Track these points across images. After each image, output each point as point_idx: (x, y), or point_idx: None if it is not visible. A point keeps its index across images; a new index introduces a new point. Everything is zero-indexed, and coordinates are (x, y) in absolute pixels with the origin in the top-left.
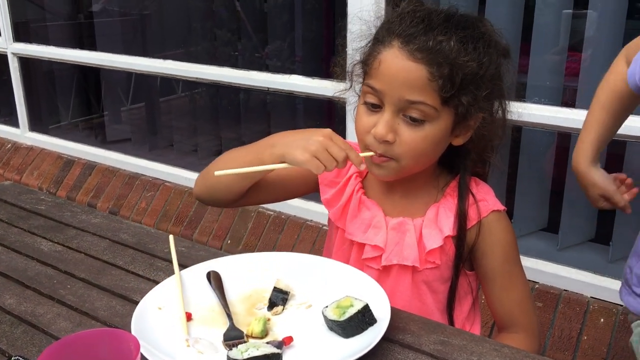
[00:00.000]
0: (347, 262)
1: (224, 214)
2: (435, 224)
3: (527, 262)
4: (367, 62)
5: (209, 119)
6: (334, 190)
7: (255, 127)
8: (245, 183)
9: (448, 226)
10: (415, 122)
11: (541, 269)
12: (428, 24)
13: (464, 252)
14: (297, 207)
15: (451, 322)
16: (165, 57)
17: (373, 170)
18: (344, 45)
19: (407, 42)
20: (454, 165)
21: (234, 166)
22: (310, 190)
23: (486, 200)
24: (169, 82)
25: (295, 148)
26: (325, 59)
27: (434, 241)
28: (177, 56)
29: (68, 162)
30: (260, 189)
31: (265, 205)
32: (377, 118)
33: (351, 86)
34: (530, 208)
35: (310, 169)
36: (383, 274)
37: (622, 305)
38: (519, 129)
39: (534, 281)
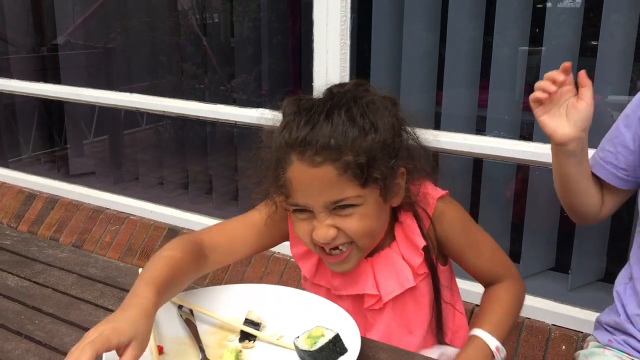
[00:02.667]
0: None
1: None
2: (407, 240)
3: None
4: (280, 185)
5: (174, 151)
6: (305, 247)
7: (222, 159)
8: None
9: (418, 239)
10: (345, 211)
11: None
12: (313, 123)
13: (434, 249)
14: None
15: (439, 311)
16: (130, 91)
17: (338, 270)
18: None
19: (302, 154)
20: None
21: None
22: (282, 240)
23: (427, 193)
24: (133, 115)
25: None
26: (292, 92)
27: (415, 257)
28: (143, 89)
29: (30, 196)
30: (245, 249)
31: None
32: (312, 223)
33: (277, 209)
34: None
35: None
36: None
37: (582, 332)
38: (479, 161)
39: None
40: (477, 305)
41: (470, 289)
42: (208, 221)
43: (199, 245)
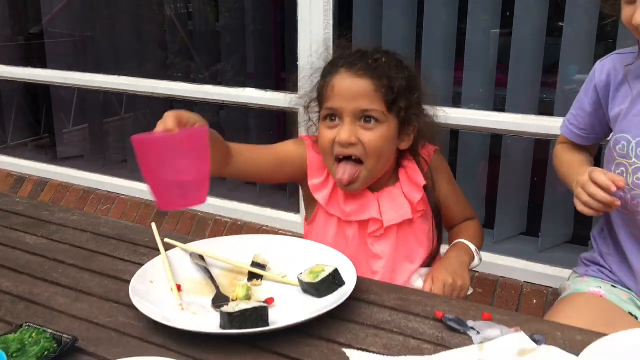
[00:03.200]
0: (347, 243)
1: (182, 222)
2: (409, 180)
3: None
4: (322, 92)
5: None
6: (321, 178)
7: None
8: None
9: (419, 178)
10: (369, 124)
11: None
12: (363, 53)
13: (433, 190)
14: (253, 213)
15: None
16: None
17: (347, 188)
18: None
19: (351, 66)
20: None
21: None
22: (298, 175)
23: (426, 148)
24: (111, 104)
25: None
26: (276, 73)
27: (415, 193)
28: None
29: (19, 180)
30: (262, 167)
31: (222, 213)
32: (337, 130)
33: (309, 119)
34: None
35: None
36: (384, 237)
37: (551, 288)
38: (456, 133)
39: (474, 271)
40: None
41: None
42: None
43: (229, 145)
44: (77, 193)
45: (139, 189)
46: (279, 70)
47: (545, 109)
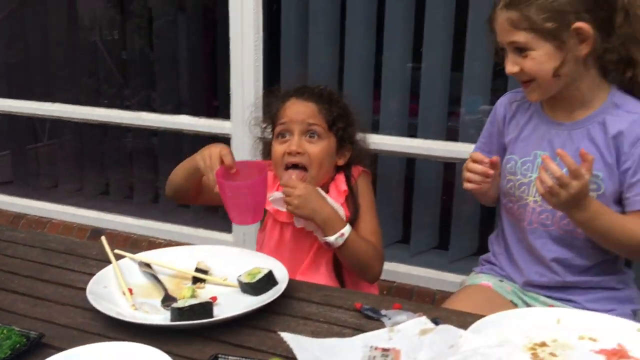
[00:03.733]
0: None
1: (116, 243)
2: (336, 189)
3: (387, 266)
4: (276, 115)
5: (87, 162)
6: (272, 192)
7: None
8: (191, 184)
9: (343, 185)
10: (313, 139)
11: (398, 271)
12: (307, 86)
13: (357, 205)
14: (187, 234)
15: None
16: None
17: None
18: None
19: (300, 95)
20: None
21: (179, 173)
22: None
23: (357, 167)
24: (33, 130)
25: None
26: (208, 101)
27: (339, 199)
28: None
29: None
30: (206, 192)
31: (156, 235)
32: (287, 144)
33: (262, 137)
34: (388, 224)
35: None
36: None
37: None
38: (375, 156)
39: (391, 281)
40: None
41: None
42: (131, 221)
43: None
44: (8, 218)
45: (71, 213)
46: (212, 98)
47: (452, 135)
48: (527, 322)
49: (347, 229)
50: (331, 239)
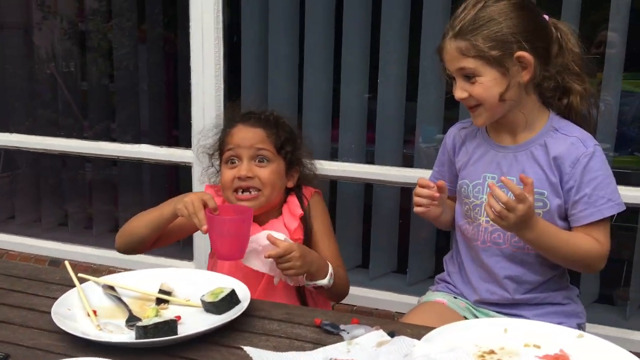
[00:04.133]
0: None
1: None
2: (289, 212)
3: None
4: (223, 141)
5: (46, 193)
6: None
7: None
8: (157, 235)
9: (297, 209)
10: (263, 163)
11: (357, 295)
12: (253, 112)
13: (310, 226)
14: (148, 263)
15: None
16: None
17: (248, 205)
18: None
19: (246, 120)
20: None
21: (142, 224)
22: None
23: (308, 189)
24: None
25: (178, 202)
26: (169, 130)
27: (293, 222)
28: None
29: None
30: (168, 235)
31: (116, 264)
32: (237, 169)
33: (212, 165)
34: (348, 249)
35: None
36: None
37: None
38: (334, 183)
39: (352, 304)
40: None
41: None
42: (90, 251)
43: None
44: None
45: (28, 244)
46: (171, 129)
47: (407, 162)
48: (477, 332)
49: (331, 267)
50: (324, 281)
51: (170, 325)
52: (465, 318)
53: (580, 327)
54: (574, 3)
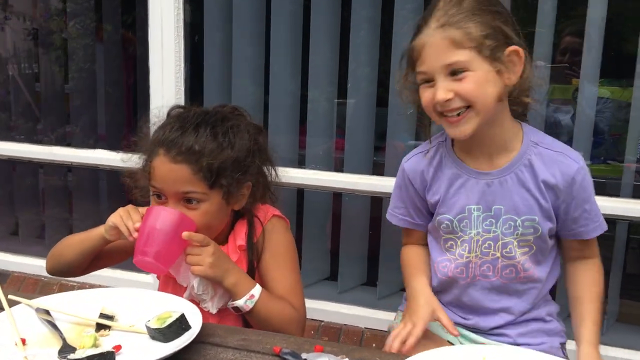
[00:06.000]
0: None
1: (23, 288)
2: (233, 242)
3: (315, 304)
4: (147, 169)
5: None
6: None
7: (53, 205)
8: (87, 258)
9: (239, 239)
10: (192, 204)
11: (325, 309)
12: (183, 130)
13: (258, 253)
14: (105, 277)
15: None
16: None
17: None
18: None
19: (168, 150)
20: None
21: (69, 249)
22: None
23: (267, 212)
24: None
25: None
26: (127, 135)
27: (234, 254)
28: None
29: None
30: (104, 258)
31: (70, 279)
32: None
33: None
34: (316, 261)
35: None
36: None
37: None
38: (301, 191)
39: (319, 320)
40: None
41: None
42: (41, 262)
43: None
44: None
45: None
46: (130, 133)
47: (377, 170)
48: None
49: (257, 290)
50: (240, 302)
51: (107, 358)
52: (449, 342)
53: (562, 346)
54: (549, 10)
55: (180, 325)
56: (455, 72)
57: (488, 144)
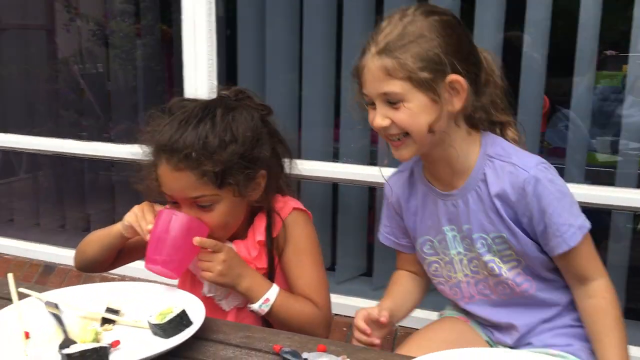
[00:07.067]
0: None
1: (67, 281)
2: (252, 237)
3: (348, 300)
4: (154, 179)
5: (53, 196)
6: None
7: (100, 202)
8: (110, 254)
9: (259, 234)
10: (205, 208)
11: (359, 306)
12: (183, 131)
13: (279, 247)
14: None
15: None
16: None
17: None
18: None
19: (170, 158)
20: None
21: (92, 247)
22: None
23: (287, 204)
24: (10, 163)
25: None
26: None
27: (253, 250)
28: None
29: None
30: (129, 253)
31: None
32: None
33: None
34: (351, 256)
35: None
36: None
37: None
38: (335, 185)
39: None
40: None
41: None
42: None
43: None
44: None
45: (24, 248)
46: None
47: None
48: None
49: (272, 292)
50: (254, 306)
51: (99, 353)
52: (488, 343)
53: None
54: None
55: (180, 321)
56: (390, 100)
57: (444, 165)
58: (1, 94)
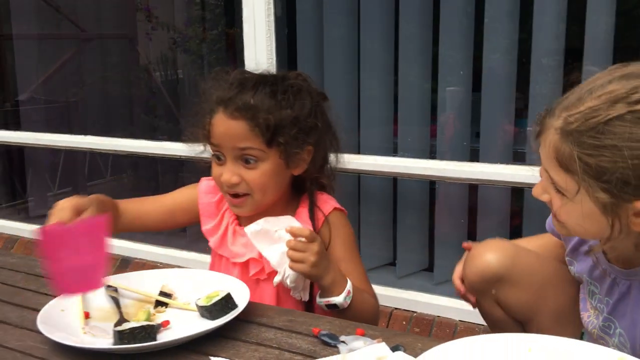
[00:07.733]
0: None
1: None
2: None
3: (407, 294)
4: (205, 127)
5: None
6: (214, 222)
7: None
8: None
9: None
10: (250, 164)
11: (419, 300)
12: (242, 87)
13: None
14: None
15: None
16: None
17: (235, 210)
18: None
19: (226, 107)
20: (302, 188)
21: None
22: (192, 221)
23: (328, 202)
24: (97, 167)
25: None
26: None
27: None
28: None
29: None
30: (151, 218)
31: (184, 264)
32: (223, 168)
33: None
34: (412, 252)
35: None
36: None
37: (484, 325)
38: (395, 179)
39: (412, 310)
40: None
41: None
42: (159, 250)
43: (116, 205)
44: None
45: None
46: None
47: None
48: (496, 349)
49: (349, 284)
50: (339, 299)
51: (149, 331)
52: None
53: None
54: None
55: (226, 304)
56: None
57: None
58: (91, 101)
